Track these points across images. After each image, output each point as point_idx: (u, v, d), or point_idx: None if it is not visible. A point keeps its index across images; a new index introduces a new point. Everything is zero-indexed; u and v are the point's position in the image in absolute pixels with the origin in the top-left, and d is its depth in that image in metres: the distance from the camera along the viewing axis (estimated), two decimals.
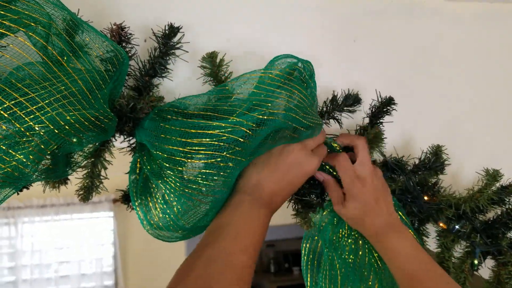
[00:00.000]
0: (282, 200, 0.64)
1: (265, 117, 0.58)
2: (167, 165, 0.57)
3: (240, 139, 0.57)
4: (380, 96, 0.76)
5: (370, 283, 0.73)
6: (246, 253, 0.53)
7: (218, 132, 0.56)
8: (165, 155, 0.58)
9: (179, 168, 0.57)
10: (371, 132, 0.74)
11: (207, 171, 0.57)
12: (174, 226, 0.64)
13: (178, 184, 0.58)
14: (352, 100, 0.76)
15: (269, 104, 0.59)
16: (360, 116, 0.79)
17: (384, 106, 0.75)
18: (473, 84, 0.91)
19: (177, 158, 0.57)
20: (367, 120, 0.78)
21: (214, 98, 0.63)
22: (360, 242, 0.74)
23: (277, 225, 3.29)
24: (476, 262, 0.77)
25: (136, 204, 0.66)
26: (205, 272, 0.49)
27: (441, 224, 0.76)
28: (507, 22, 0.93)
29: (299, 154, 0.64)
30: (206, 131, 0.56)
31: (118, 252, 3.57)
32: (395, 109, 0.76)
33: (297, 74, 0.65)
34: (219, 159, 0.56)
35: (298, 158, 0.64)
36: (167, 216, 0.66)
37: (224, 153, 0.56)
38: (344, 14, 0.84)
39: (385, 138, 0.75)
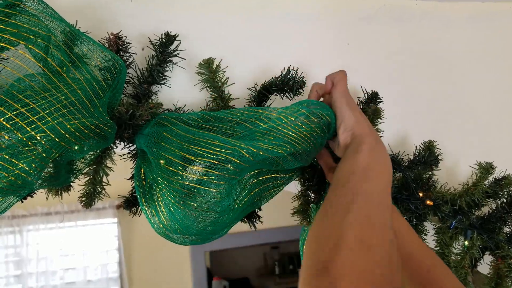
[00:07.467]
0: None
1: (272, 148, 0.60)
2: (164, 175, 0.59)
3: (236, 160, 0.57)
4: (366, 91, 0.77)
5: None
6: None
7: (219, 150, 0.57)
8: (163, 164, 0.59)
9: (176, 177, 0.58)
10: (370, 109, 0.74)
11: (200, 186, 0.59)
12: (180, 230, 0.65)
13: (173, 195, 0.60)
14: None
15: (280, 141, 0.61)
16: None
17: (370, 101, 0.76)
18: (466, 83, 0.92)
19: (173, 169, 0.58)
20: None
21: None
22: None
23: (281, 227, 3.29)
24: (466, 243, 0.77)
25: (146, 208, 0.67)
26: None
27: (428, 202, 0.77)
28: (498, 21, 0.94)
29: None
30: (210, 142, 0.58)
31: (123, 258, 3.58)
32: (381, 101, 0.77)
33: (319, 120, 0.64)
34: (213, 177, 0.57)
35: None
36: (173, 220, 0.67)
37: (218, 172, 0.57)
38: (338, 21, 0.85)
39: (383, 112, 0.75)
